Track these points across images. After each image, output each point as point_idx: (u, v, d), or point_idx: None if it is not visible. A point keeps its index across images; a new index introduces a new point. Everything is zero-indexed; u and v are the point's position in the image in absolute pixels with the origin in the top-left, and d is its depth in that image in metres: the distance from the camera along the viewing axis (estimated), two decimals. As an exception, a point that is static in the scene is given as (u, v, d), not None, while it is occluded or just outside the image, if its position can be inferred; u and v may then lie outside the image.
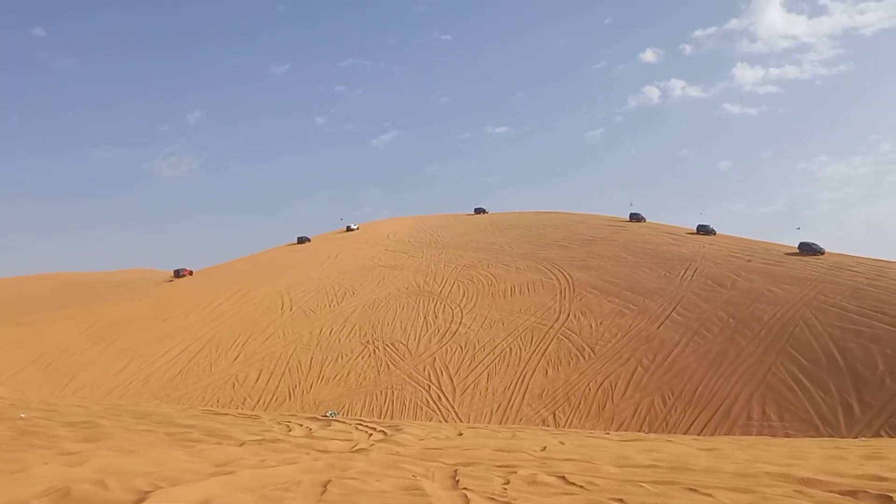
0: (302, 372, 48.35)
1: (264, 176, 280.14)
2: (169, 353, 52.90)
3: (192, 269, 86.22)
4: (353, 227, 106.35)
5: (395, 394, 43.78)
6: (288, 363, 49.79)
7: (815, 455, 9.60)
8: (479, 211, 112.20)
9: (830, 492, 6.88)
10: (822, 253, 62.34)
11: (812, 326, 44.92)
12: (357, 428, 10.46)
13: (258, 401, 44.59)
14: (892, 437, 32.40)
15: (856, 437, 29.58)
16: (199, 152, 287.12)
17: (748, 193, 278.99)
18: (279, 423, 10.85)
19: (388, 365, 47.95)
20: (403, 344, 51.13)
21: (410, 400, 42.77)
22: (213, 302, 64.17)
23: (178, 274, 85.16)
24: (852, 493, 6.79)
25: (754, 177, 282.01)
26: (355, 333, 54.23)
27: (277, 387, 46.50)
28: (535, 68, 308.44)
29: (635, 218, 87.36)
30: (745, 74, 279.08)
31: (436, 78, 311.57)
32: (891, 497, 6.59)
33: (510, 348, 48.41)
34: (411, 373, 46.37)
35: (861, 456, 9.49)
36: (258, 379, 47.73)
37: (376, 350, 50.60)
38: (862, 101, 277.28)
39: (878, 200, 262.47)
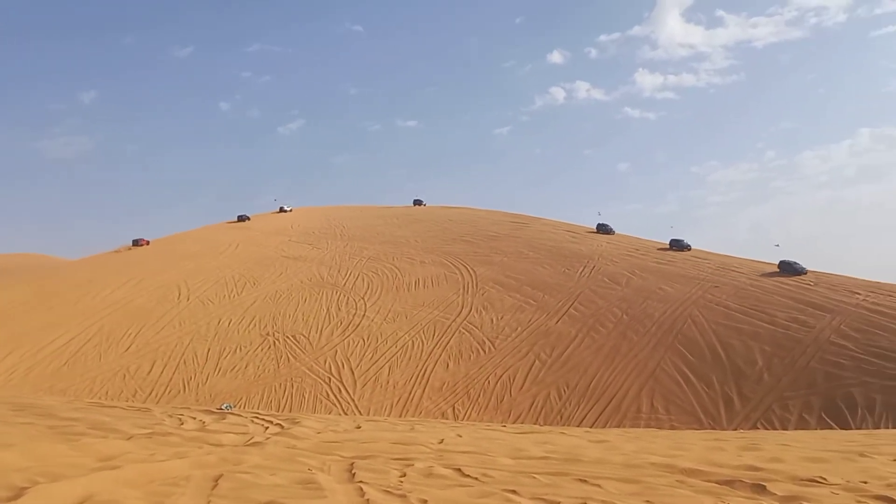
0: (198, 363, 46.87)
1: (163, 161, 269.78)
2: (55, 342, 50.08)
3: (148, 240, 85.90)
4: (286, 208, 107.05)
5: (295, 386, 43.13)
6: (183, 354, 48.15)
7: (697, 446, 10.10)
8: (417, 203, 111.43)
9: (709, 481, 7.26)
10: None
11: (699, 324, 47.23)
12: (253, 421, 10.25)
13: (150, 393, 42.94)
14: (767, 429, 34.53)
15: (735, 430, 31.36)
16: (93, 134, 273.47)
17: (644, 194, 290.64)
18: (171, 416, 10.49)
19: (288, 357, 47.16)
20: (305, 336, 50.41)
21: (310, 393, 42.24)
22: (105, 290, 61.19)
23: (136, 243, 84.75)
24: (729, 483, 7.19)
25: (650, 178, 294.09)
26: (255, 325, 53.03)
27: (171, 379, 44.90)
28: (446, 64, 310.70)
29: (603, 230, 78.48)
30: (646, 80, 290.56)
31: (346, 68, 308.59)
32: (764, 486, 7.02)
33: (412, 341, 48.58)
34: (312, 365, 45.80)
35: (739, 447, 10.06)
36: (151, 370, 45.93)
37: (276, 342, 49.66)
38: (750, 110, 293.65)
39: (761, 204, 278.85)
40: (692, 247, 68.55)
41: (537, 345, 47.23)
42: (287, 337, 50.38)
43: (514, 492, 6.23)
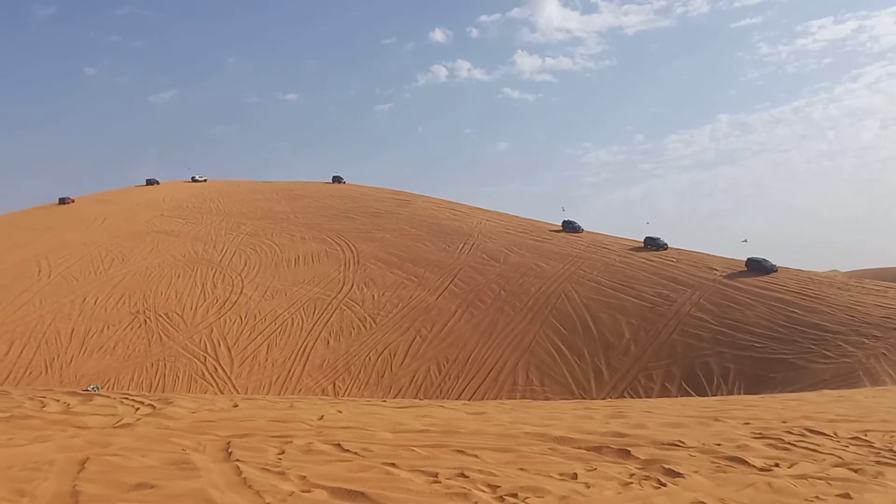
0: (61, 343, 44.17)
1: (21, 127, 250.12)
2: None
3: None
4: (198, 178, 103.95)
5: (168, 366, 41.55)
6: (45, 334, 45.19)
7: (568, 416, 10.59)
8: (336, 179, 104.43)
9: (579, 448, 7.66)
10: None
11: (572, 299, 49.18)
12: (122, 402, 9.82)
13: (8, 375, 40.11)
14: (633, 397, 36.59)
15: (603, 399, 33.02)
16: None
17: (521, 174, 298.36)
18: (31, 399, 9.88)
19: (160, 336, 45.28)
20: (178, 314, 48.51)
21: (185, 372, 40.83)
22: (-50, 265, 56.39)
23: (62, 201, 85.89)
24: (597, 449, 7.62)
25: (527, 159, 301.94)
26: (124, 302, 50.47)
27: (32, 360, 42.11)
28: (327, 37, 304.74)
29: (570, 227, 69.15)
30: (525, 62, 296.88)
31: (223, 37, 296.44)
32: (629, 451, 7.49)
33: (292, 319, 47.84)
34: (186, 344, 44.22)
35: (606, 415, 10.64)
36: (9, 351, 42.84)
37: (148, 320, 47.53)
38: (621, 94, 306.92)
39: (631, 186, 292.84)
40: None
41: (418, 321, 47.71)
42: (159, 315, 48.31)
43: (393, 465, 6.34)
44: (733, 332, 42.93)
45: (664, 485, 6.25)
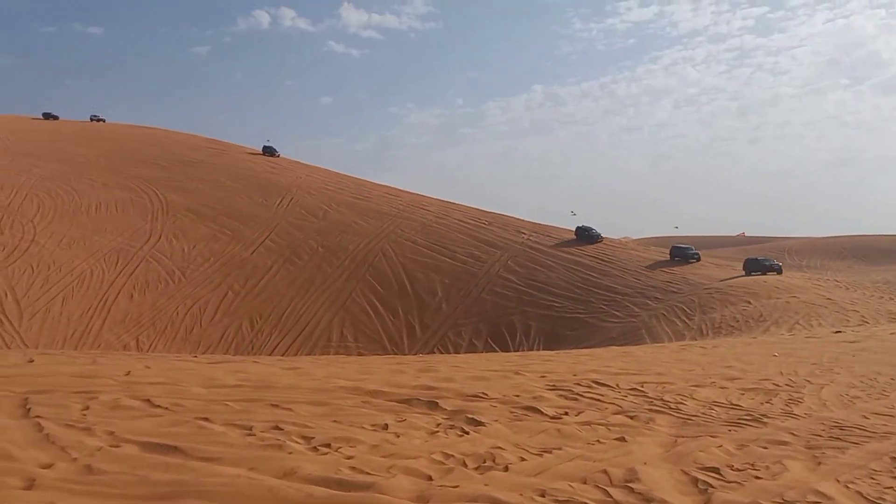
0: None
1: None
2: None
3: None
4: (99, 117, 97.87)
5: (-59, 319, 37.30)
6: None
7: (381, 370, 10.99)
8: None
9: (391, 401, 8.06)
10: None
11: (389, 257, 50.01)
12: None
13: None
14: (443, 353, 38.18)
15: (415, 355, 34.17)
16: None
17: (343, 130, 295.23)
18: None
19: (-70, 286, 40.41)
20: (-46, 262, 43.44)
21: (-38, 326, 36.86)
22: None
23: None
24: (408, 401, 8.06)
25: (350, 115, 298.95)
26: None
27: None
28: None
29: (585, 235, 56.52)
30: (351, 16, 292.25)
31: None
32: (437, 403, 8.01)
33: (91, 270, 44.47)
34: (-37, 295, 39.83)
35: (417, 370, 11.16)
36: None
37: (-85, 268, 42.16)
38: (445, 58, 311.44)
39: (449, 148, 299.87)
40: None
41: (231, 275, 46.34)
42: (-69, 263, 43.01)
43: (206, 419, 6.34)
44: (537, 293, 45.88)
45: (467, 433, 6.79)
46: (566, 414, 8.12)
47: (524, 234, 56.12)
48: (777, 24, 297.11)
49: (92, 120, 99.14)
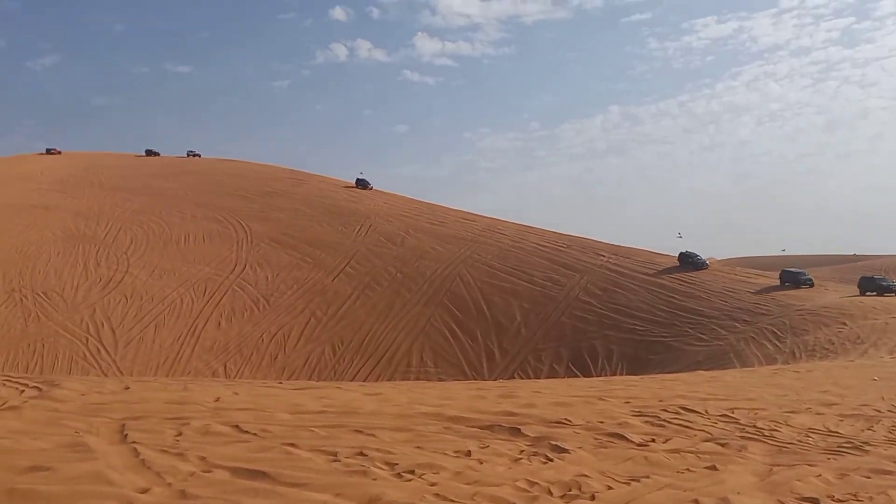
0: (-78, 324, 41.05)
1: None
2: None
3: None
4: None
5: (47, 347, 39.38)
6: None
7: (462, 396, 10.96)
8: (360, 183, 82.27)
9: (473, 427, 8.01)
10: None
11: (466, 282, 50.06)
12: (4, 384, 9.41)
13: None
14: (523, 378, 37.79)
15: (495, 380, 33.95)
16: None
17: (419, 156, 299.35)
18: None
19: (38, 315, 42.76)
20: (58, 293, 45.89)
21: (64, 354, 38.83)
22: None
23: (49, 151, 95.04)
24: (490, 427, 8.00)
25: (426, 142, 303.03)
26: (-5, 280, 47.34)
27: None
28: (221, 8, 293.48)
29: (690, 262, 53.99)
30: (425, 45, 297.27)
31: (110, 2, 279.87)
32: (519, 429, 7.91)
33: (181, 299, 46.30)
34: (66, 324, 42.00)
35: (498, 395, 11.07)
36: None
37: (24, 298, 44.72)
38: (519, 82, 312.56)
39: (526, 172, 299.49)
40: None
41: (313, 302, 47.30)
42: (37, 294, 45.57)
43: (292, 444, 6.45)
44: (618, 316, 44.96)
45: (551, 460, 6.67)
46: (653, 441, 7.88)
47: (603, 256, 55.24)
48: (864, 34, 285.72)
49: (188, 155, 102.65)
